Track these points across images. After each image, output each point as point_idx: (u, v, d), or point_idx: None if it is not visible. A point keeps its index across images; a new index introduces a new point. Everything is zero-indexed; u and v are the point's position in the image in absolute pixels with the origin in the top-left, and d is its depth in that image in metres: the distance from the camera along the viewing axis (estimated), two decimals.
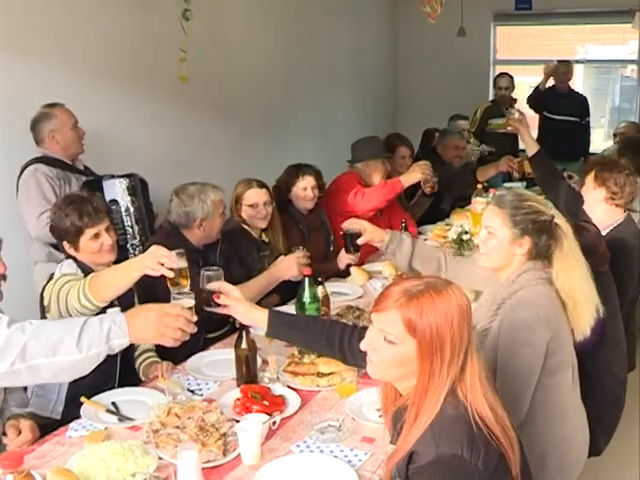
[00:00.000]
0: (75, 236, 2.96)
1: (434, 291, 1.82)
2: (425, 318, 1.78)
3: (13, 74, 4.19)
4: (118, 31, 4.86)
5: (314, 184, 4.41)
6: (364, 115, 8.24)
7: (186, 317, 2.21)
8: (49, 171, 3.98)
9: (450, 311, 1.79)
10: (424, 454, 1.77)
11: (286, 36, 6.77)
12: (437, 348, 1.78)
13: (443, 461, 1.74)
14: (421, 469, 1.78)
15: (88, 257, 3.02)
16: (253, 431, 2.26)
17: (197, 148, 5.64)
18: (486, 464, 1.76)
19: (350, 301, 3.71)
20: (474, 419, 1.77)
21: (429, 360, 1.79)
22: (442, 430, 1.77)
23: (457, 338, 1.79)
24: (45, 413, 2.98)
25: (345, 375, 2.77)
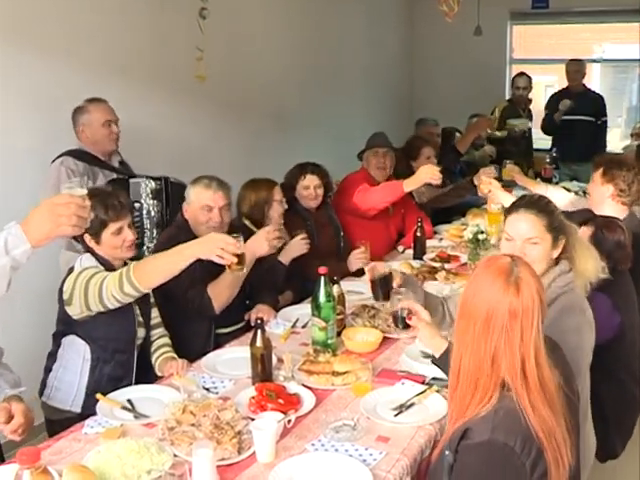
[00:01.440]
0: (98, 229, 2.96)
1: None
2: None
3: (32, 71, 4.21)
4: (135, 30, 4.87)
5: (317, 183, 4.40)
6: (379, 115, 8.21)
7: (77, 203, 2.13)
8: (74, 165, 3.99)
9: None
10: (478, 433, 1.82)
11: (302, 35, 6.76)
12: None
13: (494, 445, 1.79)
14: (471, 447, 1.83)
15: (107, 251, 3.02)
16: (268, 429, 2.26)
17: (212, 146, 5.64)
18: (532, 467, 1.79)
19: (365, 300, 3.70)
20: (530, 424, 1.81)
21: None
22: (503, 419, 1.82)
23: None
24: (65, 406, 3.01)
25: (360, 374, 2.78)
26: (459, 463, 1.88)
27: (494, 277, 1.88)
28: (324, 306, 3.02)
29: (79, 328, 2.96)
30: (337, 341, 3.10)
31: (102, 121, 4.13)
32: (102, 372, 2.97)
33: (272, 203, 4.04)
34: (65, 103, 4.18)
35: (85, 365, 2.99)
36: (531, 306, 1.85)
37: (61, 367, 3.06)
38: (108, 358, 2.98)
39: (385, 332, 3.23)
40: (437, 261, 4.35)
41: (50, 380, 3.10)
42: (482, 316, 1.86)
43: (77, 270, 2.94)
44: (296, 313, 3.54)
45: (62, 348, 3.07)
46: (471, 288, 1.94)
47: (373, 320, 3.35)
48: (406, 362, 2.94)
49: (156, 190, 4.07)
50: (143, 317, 3.13)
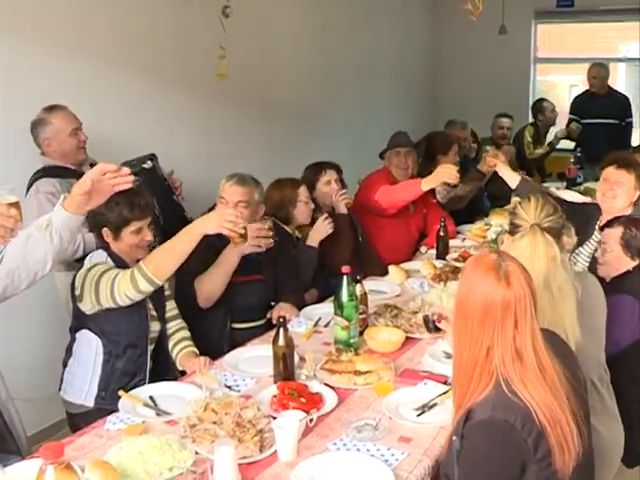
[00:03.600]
0: (119, 226, 2.98)
1: None
2: None
3: (51, 70, 4.20)
4: (158, 28, 4.89)
5: (336, 177, 4.45)
6: (402, 114, 8.19)
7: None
8: (50, 186, 3.67)
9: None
10: (479, 412, 1.89)
11: (325, 34, 6.76)
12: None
13: (494, 423, 1.86)
14: (473, 426, 1.90)
15: (123, 248, 3.04)
16: (290, 428, 2.26)
17: (233, 146, 5.66)
18: (535, 446, 1.85)
19: (388, 299, 3.70)
20: (530, 406, 1.87)
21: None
22: (501, 399, 1.88)
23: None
24: (78, 401, 3.04)
25: (382, 374, 2.77)
26: (465, 444, 1.93)
27: (485, 274, 1.95)
28: (347, 305, 3.01)
29: (91, 322, 2.98)
30: (359, 340, 3.10)
31: (69, 130, 3.77)
32: (114, 367, 2.99)
33: (296, 203, 4.05)
34: (88, 103, 4.15)
35: (97, 359, 3.01)
36: (523, 295, 1.93)
37: (75, 361, 3.10)
38: (120, 353, 3.00)
39: (408, 332, 3.22)
40: (460, 261, 4.32)
41: (66, 375, 3.14)
42: (479, 312, 1.93)
43: (87, 266, 2.96)
44: (318, 312, 3.54)
45: (76, 343, 3.10)
46: (464, 287, 2.00)
47: (395, 320, 3.34)
48: (428, 362, 2.93)
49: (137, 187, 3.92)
50: (157, 310, 3.14)
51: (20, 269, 2.46)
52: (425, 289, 3.90)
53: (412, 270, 4.22)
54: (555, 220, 2.65)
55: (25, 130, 3.77)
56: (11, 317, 2.65)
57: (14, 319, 2.69)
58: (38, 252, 2.45)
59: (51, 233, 2.43)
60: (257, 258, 3.59)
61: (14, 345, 3.88)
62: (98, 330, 2.98)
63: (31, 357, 4.12)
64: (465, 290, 1.99)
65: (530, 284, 1.96)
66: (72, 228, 2.49)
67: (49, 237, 2.43)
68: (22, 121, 3.77)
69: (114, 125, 4.52)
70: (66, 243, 2.50)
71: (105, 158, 3.94)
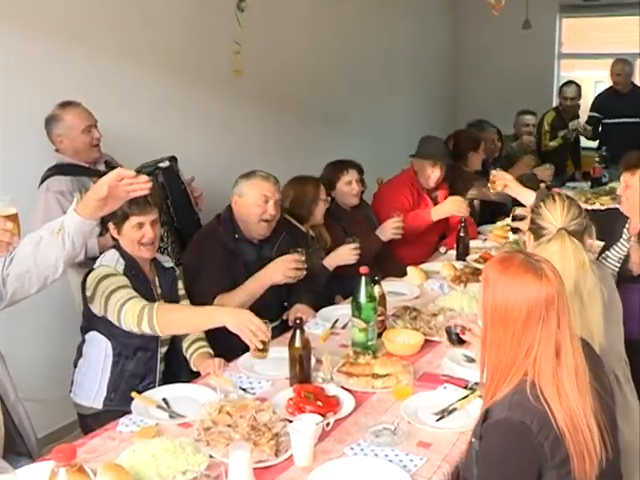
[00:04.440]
0: (121, 220, 3.02)
1: None
2: None
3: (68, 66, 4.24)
4: (172, 23, 4.89)
5: (358, 177, 4.47)
6: (422, 111, 8.18)
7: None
8: (61, 184, 3.69)
9: None
10: (497, 412, 1.90)
11: (344, 30, 6.74)
12: None
13: (510, 423, 1.87)
14: (489, 427, 1.91)
15: (128, 245, 3.07)
16: (306, 432, 2.26)
17: (250, 142, 5.66)
18: (552, 451, 1.85)
19: (407, 301, 3.70)
20: (550, 411, 1.86)
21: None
22: (519, 400, 1.88)
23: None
24: (87, 403, 3.08)
25: (401, 377, 2.77)
26: (482, 444, 1.93)
27: (522, 275, 1.93)
28: (365, 307, 3.02)
29: (100, 324, 3.00)
30: (377, 343, 3.10)
31: (82, 127, 3.78)
32: (124, 369, 3.02)
33: (318, 201, 4.07)
34: (102, 100, 4.16)
35: (107, 361, 3.04)
36: (562, 290, 1.95)
37: (85, 363, 3.13)
38: (130, 355, 3.02)
39: (427, 334, 3.22)
40: (481, 262, 4.30)
41: (76, 376, 3.17)
42: (522, 317, 1.92)
43: (99, 270, 2.98)
44: (336, 313, 3.54)
45: (86, 344, 3.13)
46: (500, 294, 1.96)
47: (415, 322, 3.34)
48: (448, 366, 2.93)
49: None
50: None
51: (31, 272, 2.47)
52: (445, 291, 3.90)
53: (431, 271, 4.22)
54: (580, 222, 2.67)
55: (42, 127, 3.81)
56: (22, 317, 2.67)
57: (25, 319, 2.72)
58: (49, 256, 2.46)
59: (63, 237, 2.43)
60: (270, 259, 3.60)
61: (25, 346, 3.90)
62: (108, 332, 3.00)
63: (42, 358, 4.14)
64: (502, 296, 1.95)
65: (561, 277, 1.98)
66: (85, 233, 2.49)
67: (61, 241, 2.44)
68: (40, 117, 3.81)
69: (130, 122, 4.55)
70: (78, 248, 2.50)
71: (120, 155, 4.01)
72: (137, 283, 3.01)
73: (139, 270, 3.08)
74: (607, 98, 7.36)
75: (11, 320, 2.61)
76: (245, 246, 3.60)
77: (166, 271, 3.25)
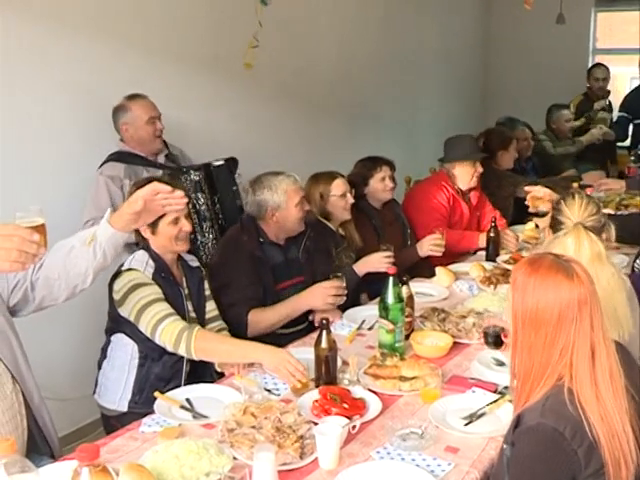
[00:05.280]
0: (156, 219, 2.98)
1: None
2: None
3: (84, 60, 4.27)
4: (192, 15, 4.92)
5: (391, 174, 4.47)
6: (451, 109, 8.16)
7: (21, 236, 2.00)
8: (113, 170, 3.97)
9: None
10: (529, 418, 1.89)
11: (367, 22, 6.73)
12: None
13: (542, 430, 1.85)
14: (521, 433, 1.89)
15: (163, 242, 3.08)
16: (332, 434, 2.26)
17: (270, 139, 5.66)
18: (586, 458, 1.83)
19: (435, 303, 3.70)
20: (585, 416, 1.85)
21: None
22: (552, 406, 1.87)
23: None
24: (111, 405, 3.09)
25: (429, 380, 2.76)
26: (514, 451, 1.92)
27: (553, 276, 1.93)
28: (392, 308, 3.01)
29: (127, 327, 3.02)
30: (405, 345, 3.09)
31: (145, 118, 4.07)
32: (150, 372, 3.03)
33: (328, 197, 4.06)
34: (120, 94, 4.20)
35: (132, 363, 3.06)
36: (594, 289, 1.94)
37: (110, 365, 3.14)
38: (156, 358, 3.03)
39: (455, 337, 3.21)
40: (511, 263, 4.28)
41: (100, 378, 3.19)
42: (554, 319, 1.91)
43: (127, 272, 2.99)
44: (362, 314, 3.54)
45: (111, 345, 3.15)
46: (530, 296, 1.96)
47: (443, 324, 3.34)
48: (477, 369, 2.92)
49: (196, 182, 4.07)
50: (196, 312, 3.18)
51: (60, 280, 2.49)
52: (474, 292, 3.89)
53: (460, 272, 4.21)
54: (597, 219, 2.73)
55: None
56: (43, 316, 2.68)
57: (46, 318, 2.73)
58: (79, 265, 2.47)
59: (95, 248, 2.44)
60: (297, 259, 3.61)
61: (46, 344, 3.93)
62: (134, 335, 3.02)
63: (65, 357, 4.18)
64: (533, 300, 1.95)
65: (592, 278, 1.98)
66: (117, 245, 2.50)
67: (92, 252, 2.45)
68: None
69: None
70: (109, 259, 2.51)
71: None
72: (166, 286, 3.03)
73: (169, 272, 3.09)
74: (638, 96, 7.29)
75: (32, 319, 2.63)
76: (271, 249, 3.62)
77: (193, 270, 3.26)
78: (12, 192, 3.78)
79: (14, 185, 3.85)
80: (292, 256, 3.63)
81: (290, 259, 3.63)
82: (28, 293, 2.52)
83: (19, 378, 2.47)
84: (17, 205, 2.17)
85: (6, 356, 2.44)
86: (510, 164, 5.57)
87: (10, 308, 2.53)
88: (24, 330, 2.60)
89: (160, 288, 2.99)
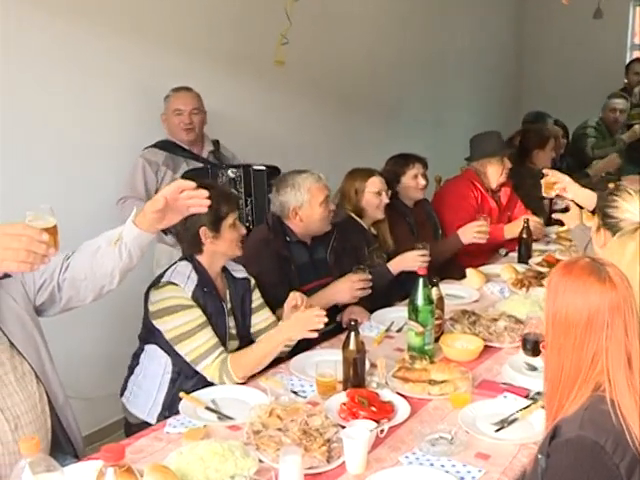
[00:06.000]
0: (218, 220, 3.02)
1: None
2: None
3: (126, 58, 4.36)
4: (218, 10, 4.94)
5: (423, 171, 4.47)
6: (483, 107, 8.12)
7: (29, 235, 1.97)
8: (152, 155, 4.22)
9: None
10: (567, 430, 1.84)
11: (399, 18, 6.71)
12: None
13: (582, 443, 1.80)
14: (559, 445, 1.84)
15: (224, 249, 3.07)
16: (360, 438, 2.26)
17: (300, 136, 5.67)
18: (628, 473, 1.78)
19: (465, 305, 3.69)
20: (627, 427, 1.80)
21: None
22: (592, 417, 1.83)
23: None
24: (141, 414, 3.08)
25: (459, 384, 2.75)
26: (550, 462, 1.88)
27: (584, 280, 1.90)
28: (422, 309, 3.01)
29: (162, 340, 2.99)
30: (435, 348, 3.09)
31: (173, 109, 4.31)
32: (182, 387, 2.96)
33: (363, 194, 4.06)
34: (152, 90, 4.34)
35: (165, 377, 3.04)
36: (629, 295, 1.89)
37: (142, 373, 3.14)
38: (191, 374, 2.99)
39: (486, 340, 3.20)
40: (544, 266, 4.26)
41: (130, 383, 3.18)
42: (583, 322, 1.88)
43: (166, 288, 2.98)
44: (391, 316, 3.54)
45: (144, 354, 3.14)
46: (561, 300, 1.93)
47: (474, 327, 3.32)
48: (509, 373, 2.91)
49: (233, 180, 4.14)
50: (237, 328, 3.18)
51: (87, 280, 2.50)
52: (505, 295, 3.87)
53: (491, 274, 4.20)
54: None
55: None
56: (71, 316, 2.70)
57: (71, 317, 2.75)
58: (106, 266, 2.47)
59: (120, 248, 2.44)
60: (325, 260, 3.62)
61: (72, 344, 3.96)
62: (169, 349, 2.99)
63: (90, 356, 4.21)
64: (563, 302, 1.92)
65: (629, 283, 1.93)
66: (143, 246, 2.49)
67: (118, 252, 2.44)
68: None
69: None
70: (135, 260, 2.50)
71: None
72: (208, 302, 3.00)
73: (212, 286, 3.05)
74: None
75: (58, 317, 2.65)
76: (297, 248, 3.62)
77: (237, 282, 3.22)
78: (60, 181, 3.99)
79: (65, 172, 4.08)
80: (319, 256, 3.64)
81: (317, 259, 3.63)
82: (55, 293, 2.54)
83: (43, 378, 2.49)
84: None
85: (31, 356, 2.47)
86: (547, 164, 5.53)
87: (36, 308, 2.56)
88: (49, 329, 2.62)
89: (200, 307, 2.96)
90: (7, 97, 3.78)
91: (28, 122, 3.90)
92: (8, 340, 2.42)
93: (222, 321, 3.06)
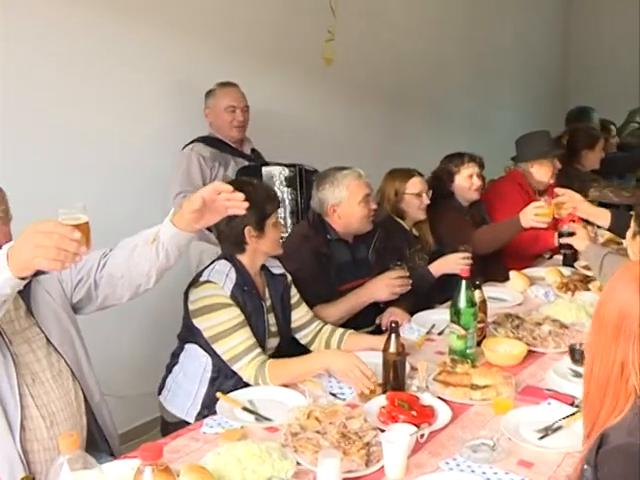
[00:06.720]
0: (262, 219, 3.03)
1: None
2: None
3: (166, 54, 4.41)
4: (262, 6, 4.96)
5: (479, 171, 4.43)
6: (529, 107, 8.07)
7: (61, 233, 1.95)
8: (204, 149, 4.25)
9: None
10: (615, 437, 1.80)
11: (446, 16, 6.71)
12: None
13: (631, 448, 1.76)
14: (608, 453, 1.81)
15: (267, 248, 3.09)
16: (400, 443, 2.25)
17: (344, 134, 5.68)
18: None
19: (508, 308, 3.67)
20: None
21: None
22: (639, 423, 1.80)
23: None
24: (180, 414, 3.09)
25: (501, 389, 2.74)
26: (599, 474, 1.84)
27: (629, 282, 1.86)
28: (464, 312, 2.99)
29: (201, 339, 3.01)
30: (477, 351, 3.07)
31: (225, 106, 4.33)
32: (222, 386, 2.98)
33: (403, 195, 4.04)
34: (195, 86, 4.38)
35: (205, 376, 3.06)
36: None
37: (181, 372, 3.16)
38: (230, 373, 2.99)
39: (530, 345, 3.18)
40: (590, 269, 4.22)
41: (169, 382, 3.20)
42: (613, 320, 1.84)
43: (205, 286, 2.99)
44: (432, 318, 3.53)
45: (184, 353, 3.16)
46: (605, 296, 1.92)
47: (517, 331, 3.30)
48: (553, 380, 2.88)
49: (290, 178, 4.16)
50: (278, 325, 3.19)
51: (124, 279, 2.53)
52: (550, 299, 3.84)
53: (536, 277, 4.17)
54: None
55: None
56: (108, 313, 2.73)
57: (107, 315, 2.78)
58: (142, 265, 2.49)
59: (157, 248, 2.45)
60: (367, 259, 3.61)
61: (109, 342, 4.00)
62: (209, 348, 3.00)
63: (126, 354, 4.25)
64: (606, 298, 1.91)
65: None
66: (180, 245, 2.49)
67: (155, 252, 2.45)
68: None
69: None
70: (172, 260, 2.50)
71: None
72: (247, 301, 3.01)
73: (251, 284, 3.06)
74: None
75: (94, 315, 2.68)
76: (338, 247, 3.62)
77: (275, 279, 3.23)
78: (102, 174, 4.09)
79: (103, 169, 4.14)
80: (361, 256, 3.63)
81: (358, 259, 3.63)
82: (91, 291, 2.57)
83: (80, 376, 2.52)
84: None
85: (67, 353, 2.50)
86: (595, 165, 5.49)
87: (73, 305, 2.59)
88: (85, 327, 2.65)
89: (239, 306, 2.97)
90: (46, 94, 3.83)
91: (66, 120, 3.95)
92: (45, 337, 2.45)
93: (261, 319, 3.07)
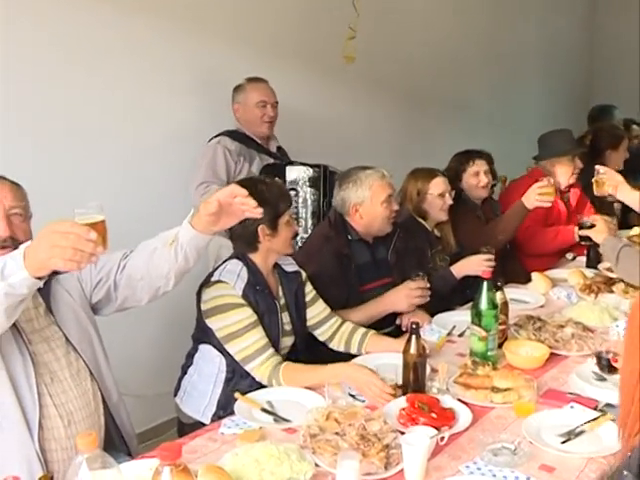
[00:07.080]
0: (274, 220, 3.04)
1: None
2: None
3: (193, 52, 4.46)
4: (286, 6, 4.98)
5: (486, 169, 4.42)
6: (552, 102, 8.05)
7: (77, 233, 1.94)
8: (230, 143, 4.26)
9: None
10: None
11: (468, 15, 6.69)
12: None
13: None
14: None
15: (278, 246, 3.10)
16: (419, 445, 2.24)
17: (365, 132, 5.68)
18: None
19: (530, 310, 3.65)
20: None
21: None
22: None
23: None
24: (195, 415, 3.10)
25: (523, 392, 2.72)
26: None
27: None
28: (486, 314, 2.98)
29: (216, 339, 3.02)
30: (498, 354, 3.06)
31: (256, 101, 4.36)
32: (237, 387, 2.98)
33: (426, 196, 4.03)
34: (217, 83, 4.43)
35: (220, 377, 3.07)
36: None
37: (196, 373, 3.17)
38: (244, 373, 3.00)
39: (552, 347, 3.16)
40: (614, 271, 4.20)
41: (184, 383, 3.21)
42: (636, 328, 1.83)
43: (216, 286, 3.00)
44: (453, 319, 3.53)
45: (198, 354, 3.17)
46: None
47: (539, 333, 3.29)
48: (576, 383, 2.86)
49: (314, 178, 4.16)
50: (292, 324, 3.19)
51: (143, 281, 2.54)
52: (573, 301, 3.82)
53: (558, 279, 4.15)
54: None
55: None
56: (126, 314, 2.75)
57: (129, 316, 2.80)
58: (162, 267, 2.50)
59: (176, 250, 2.46)
60: (386, 259, 3.60)
61: (126, 342, 4.00)
62: (223, 349, 3.01)
63: (143, 354, 4.27)
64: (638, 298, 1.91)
65: None
66: (199, 248, 2.50)
67: (174, 254, 2.46)
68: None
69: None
70: (192, 262, 2.51)
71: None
72: (260, 301, 3.01)
73: (264, 283, 3.07)
74: None
75: (111, 316, 2.70)
76: (359, 247, 3.61)
77: (289, 276, 3.23)
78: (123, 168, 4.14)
79: (123, 166, 4.19)
80: (381, 256, 3.63)
81: (378, 259, 3.62)
82: (111, 292, 2.58)
83: (98, 375, 2.54)
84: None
85: (86, 353, 2.51)
86: (619, 165, 5.45)
87: (92, 306, 2.61)
88: (103, 327, 2.66)
89: (251, 306, 2.97)
90: (63, 92, 3.85)
91: (83, 117, 3.97)
92: (64, 336, 2.47)
93: (275, 318, 3.07)
